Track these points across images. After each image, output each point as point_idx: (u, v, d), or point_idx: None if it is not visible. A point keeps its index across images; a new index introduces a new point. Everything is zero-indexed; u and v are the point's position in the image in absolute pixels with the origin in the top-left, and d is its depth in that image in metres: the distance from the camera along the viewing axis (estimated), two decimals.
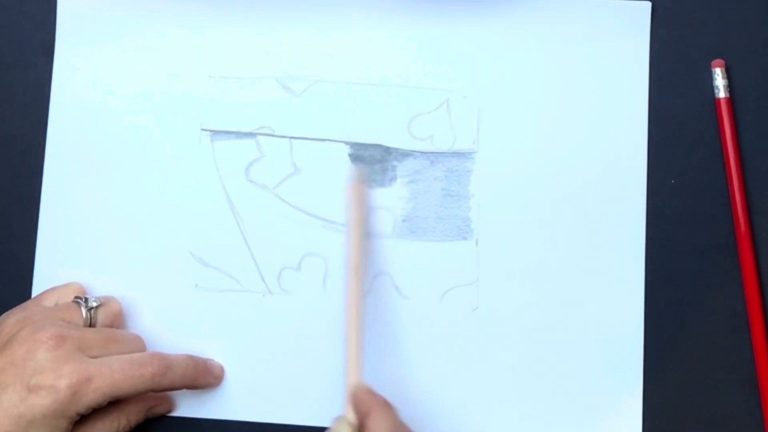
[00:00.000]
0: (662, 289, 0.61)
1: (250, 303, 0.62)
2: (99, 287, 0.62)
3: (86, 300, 0.59)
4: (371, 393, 0.55)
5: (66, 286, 0.61)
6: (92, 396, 0.54)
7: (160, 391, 0.58)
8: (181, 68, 0.63)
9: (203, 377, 0.60)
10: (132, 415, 0.58)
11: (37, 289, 0.62)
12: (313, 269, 0.62)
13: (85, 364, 0.54)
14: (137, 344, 0.60)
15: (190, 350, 0.61)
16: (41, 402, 0.53)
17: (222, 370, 0.61)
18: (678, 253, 0.61)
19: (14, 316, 0.57)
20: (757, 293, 0.60)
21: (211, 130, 0.63)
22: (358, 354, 0.57)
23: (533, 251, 0.62)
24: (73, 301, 0.59)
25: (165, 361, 0.57)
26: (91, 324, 0.59)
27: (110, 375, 0.55)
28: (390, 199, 0.62)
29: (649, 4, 0.62)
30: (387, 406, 0.54)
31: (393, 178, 0.62)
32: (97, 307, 0.59)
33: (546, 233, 0.62)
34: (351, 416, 0.55)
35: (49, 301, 0.60)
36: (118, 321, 0.60)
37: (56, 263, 0.62)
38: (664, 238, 0.62)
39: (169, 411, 0.61)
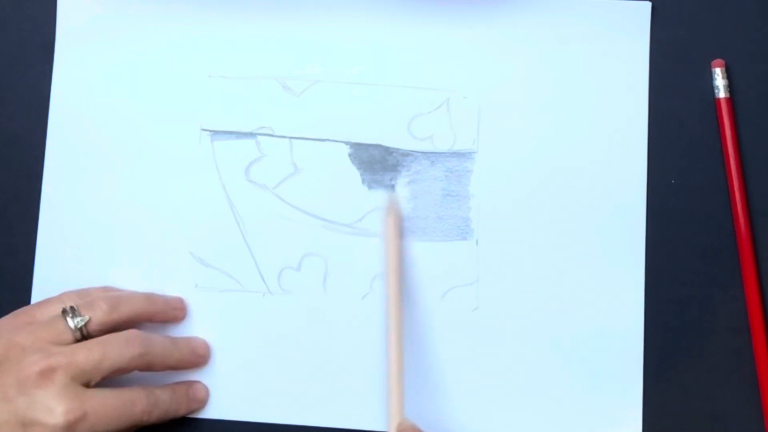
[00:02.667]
0: (662, 289, 0.61)
1: (250, 303, 0.62)
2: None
3: (73, 310, 0.57)
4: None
5: (59, 297, 0.59)
6: None
7: (146, 425, 0.58)
8: (180, 68, 0.63)
9: (185, 407, 0.60)
10: None
11: (37, 289, 0.62)
12: (313, 269, 0.62)
13: (79, 401, 0.54)
14: (134, 345, 0.57)
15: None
16: None
17: (207, 392, 0.61)
18: (678, 253, 0.61)
19: (2, 337, 0.56)
20: (757, 293, 0.60)
21: (211, 130, 0.63)
22: (400, 390, 0.56)
23: (533, 251, 0.62)
24: (61, 315, 0.57)
25: (152, 398, 0.58)
26: (83, 335, 0.57)
27: (104, 414, 0.55)
28: None
29: (649, 4, 0.62)
30: None
31: (393, 178, 0.62)
32: (86, 323, 0.57)
33: (546, 233, 0.62)
34: None
35: (42, 315, 0.58)
36: (116, 317, 0.58)
37: (56, 263, 0.62)
38: (664, 238, 0.62)
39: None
